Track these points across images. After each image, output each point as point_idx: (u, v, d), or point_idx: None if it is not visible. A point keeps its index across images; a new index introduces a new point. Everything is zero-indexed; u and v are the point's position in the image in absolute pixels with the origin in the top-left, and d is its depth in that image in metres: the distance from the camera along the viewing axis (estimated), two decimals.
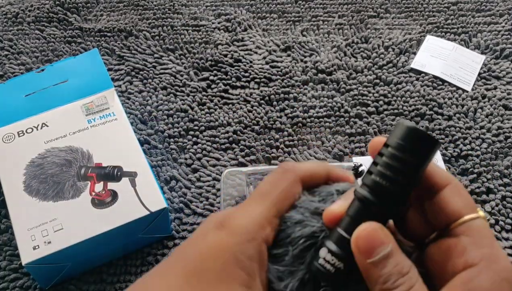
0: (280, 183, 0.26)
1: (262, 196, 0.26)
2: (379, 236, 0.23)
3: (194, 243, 0.25)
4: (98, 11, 0.76)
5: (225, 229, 0.24)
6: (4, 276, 0.49)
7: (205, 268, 0.23)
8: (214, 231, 0.24)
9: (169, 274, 0.24)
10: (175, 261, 0.24)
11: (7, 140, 0.52)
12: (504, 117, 0.63)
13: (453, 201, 0.24)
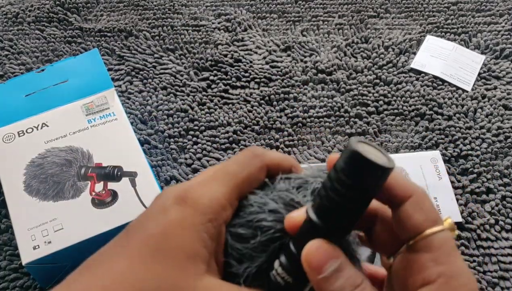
0: (248, 166, 0.26)
1: (229, 177, 0.25)
2: (327, 251, 0.23)
3: (154, 218, 0.24)
4: (98, 11, 0.76)
5: (188, 206, 0.24)
6: (4, 276, 0.49)
7: (171, 245, 0.23)
8: (176, 207, 0.24)
9: (130, 250, 0.23)
10: (134, 237, 0.24)
11: (7, 140, 0.52)
12: (504, 117, 0.63)
13: (413, 215, 0.23)
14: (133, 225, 0.24)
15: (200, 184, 0.25)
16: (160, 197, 0.25)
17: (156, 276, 0.22)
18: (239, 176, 0.25)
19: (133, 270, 0.22)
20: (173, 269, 0.22)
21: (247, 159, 0.26)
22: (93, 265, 0.23)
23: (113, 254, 0.23)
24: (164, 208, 0.24)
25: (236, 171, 0.26)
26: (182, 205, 0.24)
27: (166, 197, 0.24)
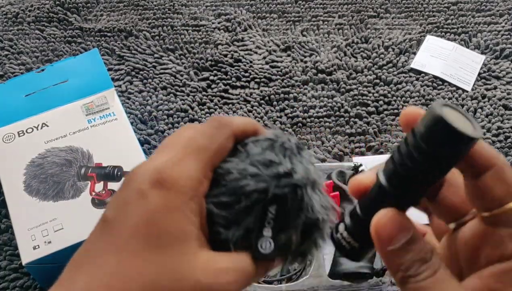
0: (216, 137, 0.26)
1: (199, 151, 0.25)
2: (398, 223, 0.22)
3: (134, 206, 0.23)
4: (98, 11, 0.76)
5: (168, 189, 0.23)
6: (4, 276, 0.49)
7: (160, 231, 0.23)
8: (155, 192, 0.23)
9: (118, 245, 0.23)
10: (118, 229, 0.23)
11: (7, 140, 0.52)
12: (504, 117, 0.63)
13: (494, 188, 0.22)
14: (111, 215, 0.24)
15: (174, 163, 0.24)
16: (132, 180, 0.24)
17: (154, 266, 0.22)
18: (211, 149, 0.25)
19: (128, 264, 0.22)
20: (168, 255, 0.22)
21: (214, 129, 0.26)
22: (84, 263, 0.23)
23: (102, 251, 0.23)
24: (143, 194, 0.23)
25: (207, 144, 0.25)
26: (161, 188, 0.23)
27: (141, 180, 0.24)
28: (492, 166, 0.22)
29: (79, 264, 0.23)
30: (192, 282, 0.22)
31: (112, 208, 0.24)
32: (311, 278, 0.44)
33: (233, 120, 0.27)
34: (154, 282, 0.22)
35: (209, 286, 0.22)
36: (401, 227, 0.22)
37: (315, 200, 0.25)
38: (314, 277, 0.44)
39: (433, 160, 0.20)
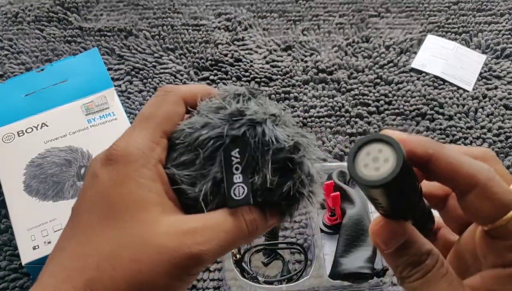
0: (162, 104, 0.26)
1: (145, 120, 0.25)
2: (390, 230, 0.23)
3: (89, 189, 0.24)
4: (98, 10, 0.76)
5: (115, 162, 0.24)
6: (4, 276, 0.49)
7: (114, 204, 0.23)
8: (104, 169, 0.24)
9: (83, 228, 0.23)
10: (81, 215, 0.24)
11: (7, 140, 0.52)
12: (505, 117, 0.63)
13: (481, 207, 0.22)
14: (74, 205, 0.24)
15: (121, 138, 0.25)
16: (90, 166, 0.25)
17: (111, 239, 0.22)
18: (157, 115, 0.25)
19: (87, 243, 0.22)
20: (126, 226, 0.22)
21: (159, 97, 0.26)
22: (54, 255, 0.23)
23: (67, 239, 0.23)
24: (94, 175, 0.24)
25: (151, 111, 0.26)
26: (110, 164, 0.24)
27: (94, 164, 0.24)
28: (475, 184, 0.22)
29: (51, 255, 0.24)
30: (156, 247, 0.22)
31: (78, 198, 0.25)
32: (312, 279, 0.43)
33: (180, 87, 0.27)
34: (111, 254, 0.22)
35: (175, 249, 0.22)
36: (392, 234, 0.23)
37: (278, 131, 0.24)
38: (315, 278, 0.43)
39: (372, 199, 0.22)
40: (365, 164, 0.21)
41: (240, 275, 0.43)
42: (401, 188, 0.22)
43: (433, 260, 0.23)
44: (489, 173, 0.22)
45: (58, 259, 0.23)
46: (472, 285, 0.23)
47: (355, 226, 0.45)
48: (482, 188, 0.22)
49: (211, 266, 0.50)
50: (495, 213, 0.22)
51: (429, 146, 0.22)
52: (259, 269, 0.48)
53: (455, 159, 0.22)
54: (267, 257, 0.49)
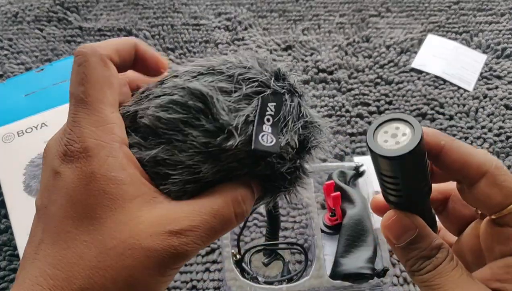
0: (89, 77, 0.22)
1: (82, 101, 0.22)
2: (402, 224, 0.24)
3: (53, 188, 0.22)
4: (98, 10, 0.76)
5: (76, 159, 0.21)
6: (4, 276, 0.49)
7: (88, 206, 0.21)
8: (65, 167, 0.21)
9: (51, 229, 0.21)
10: (47, 214, 0.22)
11: (6, 140, 0.52)
12: (506, 117, 0.63)
13: (491, 194, 0.23)
14: (39, 202, 0.22)
15: (70, 130, 0.22)
16: (45, 157, 0.23)
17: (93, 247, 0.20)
18: (91, 95, 0.22)
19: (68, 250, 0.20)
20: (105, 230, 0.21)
21: (81, 67, 0.23)
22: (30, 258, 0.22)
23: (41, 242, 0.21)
24: (56, 173, 0.22)
25: (83, 91, 0.22)
26: (70, 161, 0.21)
27: (52, 160, 0.22)
28: (484, 173, 0.23)
29: (26, 259, 0.22)
30: (143, 251, 0.20)
31: (39, 193, 0.23)
32: (312, 279, 0.43)
33: (99, 45, 0.23)
34: (99, 263, 0.20)
35: (162, 251, 0.21)
36: (404, 228, 0.24)
37: (311, 110, 0.25)
38: (315, 278, 0.43)
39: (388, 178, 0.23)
40: (385, 140, 0.22)
41: (240, 275, 0.43)
42: (418, 163, 0.22)
43: (443, 254, 0.24)
44: (498, 162, 0.23)
45: (36, 267, 0.21)
46: (481, 277, 0.24)
47: (355, 226, 0.44)
48: (491, 176, 0.23)
49: (212, 266, 0.50)
50: (504, 200, 0.23)
51: (441, 137, 0.24)
52: (259, 269, 0.48)
53: (465, 149, 0.24)
54: (267, 257, 0.49)
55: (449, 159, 0.24)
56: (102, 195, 0.21)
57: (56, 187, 0.21)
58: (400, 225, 0.24)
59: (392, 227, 0.24)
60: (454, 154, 0.24)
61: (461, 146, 0.24)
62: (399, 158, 0.21)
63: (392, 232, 0.24)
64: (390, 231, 0.24)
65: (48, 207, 0.22)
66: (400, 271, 0.50)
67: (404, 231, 0.24)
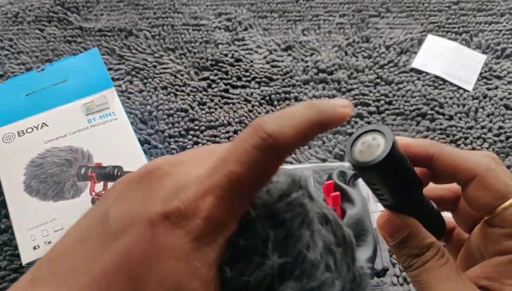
0: (259, 166, 0.19)
1: (235, 185, 0.18)
2: (393, 224, 0.25)
3: (136, 234, 0.18)
4: (98, 10, 0.76)
5: (180, 227, 0.18)
6: (4, 276, 0.49)
7: (153, 277, 0.18)
8: (165, 227, 0.18)
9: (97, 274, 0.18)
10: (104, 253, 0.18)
11: (7, 140, 0.52)
12: (506, 117, 0.63)
13: (480, 197, 0.24)
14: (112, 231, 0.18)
15: (195, 192, 0.18)
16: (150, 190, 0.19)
17: None
18: (249, 178, 0.19)
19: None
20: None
21: (258, 152, 0.18)
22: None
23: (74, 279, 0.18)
24: (151, 222, 0.18)
25: (245, 175, 0.18)
26: (173, 224, 0.18)
27: (158, 199, 0.19)
28: (474, 176, 0.24)
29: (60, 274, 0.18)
30: None
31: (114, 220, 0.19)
32: None
33: (283, 133, 0.19)
34: None
35: None
36: (395, 228, 0.26)
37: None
38: None
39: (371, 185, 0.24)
40: (361, 151, 0.23)
41: None
42: (393, 171, 0.23)
43: (432, 252, 0.25)
44: (488, 165, 0.24)
45: None
46: (473, 275, 0.25)
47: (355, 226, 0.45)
48: (480, 179, 0.24)
49: None
50: (493, 202, 0.24)
51: (429, 147, 0.25)
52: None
53: (455, 155, 0.25)
54: None
55: (439, 166, 0.25)
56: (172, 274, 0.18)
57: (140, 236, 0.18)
58: (392, 224, 0.26)
59: (384, 226, 0.26)
60: (444, 160, 0.25)
61: (450, 152, 0.25)
62: (369, 168, 0.22)
63: (384, 231, 0.26)
64: (383, 230, 0.26)
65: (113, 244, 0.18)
66: (400, 271, 0.50)
67: (396, 230, 0.25)
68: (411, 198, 0.25)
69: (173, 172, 0.20)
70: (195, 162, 0.21)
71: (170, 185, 0.19)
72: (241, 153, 0.19)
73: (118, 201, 0.19)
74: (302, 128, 0.19)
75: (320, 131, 0.20)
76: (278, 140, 0.18)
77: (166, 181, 0.19)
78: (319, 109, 0.20)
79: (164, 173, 0.20)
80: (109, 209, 0.19)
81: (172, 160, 0.21)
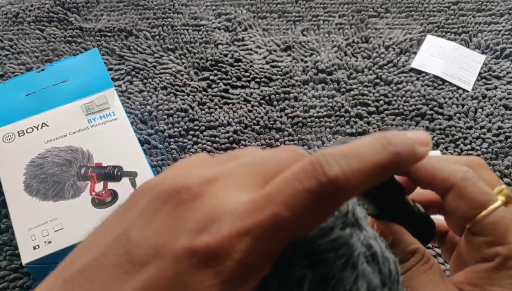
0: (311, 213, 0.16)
1: (278, 229, 0.16)
2: (379, 229, 0.25)
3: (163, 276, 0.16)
4: (98, 10, 0.76)
5: (209, 266, 0.16)
6: (4, 276, 0.49)
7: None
8: (192, 267, 0.16)
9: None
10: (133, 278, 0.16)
11: (7, 140, 0.52)
12: (505, 117, 0.63)
13: (458, 207, 0.24)
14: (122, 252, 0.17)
15: (231, 230, 0.16)
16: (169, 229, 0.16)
17: None
18: (292, 224, 0.16)
19: None
20: None
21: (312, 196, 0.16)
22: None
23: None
24: (177, 257, 0.16)
25: (285, 215, 0.16)
26: (201, 263, 0.16)
27: (180, 233, 0.16)
28: (451, 186, 0.24)
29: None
30: None
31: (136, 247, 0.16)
32: None
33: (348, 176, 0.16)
34: None
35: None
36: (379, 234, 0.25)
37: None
38: None
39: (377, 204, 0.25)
40: None
41: None
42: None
43: (416, 258, 0.25)
44: (465, 174, 0.24)
45: None
46: (457, 280, 0.25)
47: None
48: (457, 188, 0.24)
49: None
50: (471, 212, 0.24)
51: None
52: None
53: (432, 165, 0.25)
54: None
55: (417, 176, 0.25)
56: None
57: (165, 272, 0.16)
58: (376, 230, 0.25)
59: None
60: (421, 171, 0.25)
61: (427, 162, 0.25)
62: None
63: None
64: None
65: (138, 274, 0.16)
66: None
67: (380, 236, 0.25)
68: (393, 206, 0.25)
69: (206, 194, 0.17)
70: (234, 180, 0.18)
71: (201, 213, 0.17)
72: (292, 194, 0.16)
73: (141, 222, 0.17)
74: (371, 174, 0.16)
75: (389, 176, 0.17)
76: (341, 187, 0.16)
77: (197, 206, 0.17)
78: (395, 150, 0.17)
79: (194, 195, 0.17)
80: (130, 230, 0.17)
81: (205, 176, 0.18)
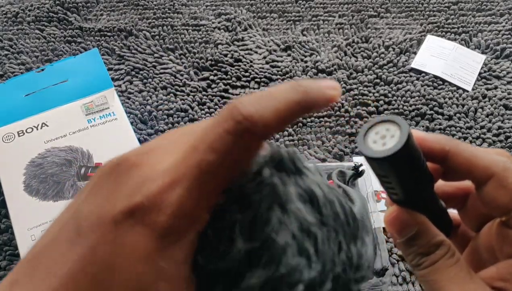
0: (233, 153, 0.17)
1: (206, 174, 0.17)
2: (402, 221, 0.24)
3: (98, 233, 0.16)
4: (98, 10, 0.76)
5: (145, 225, 0.16)
6: (4, 276, 0.49)
7: (115, 280, 0.16)
8: (129, 228, 0.16)
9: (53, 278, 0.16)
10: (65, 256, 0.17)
11: (7, 140, 0.52)
12: (505, 117, 0.63)
13: (497, 197, 0.23)
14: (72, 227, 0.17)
15: (161, 185, 0.17)
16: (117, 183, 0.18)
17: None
18: (223, 164, 0.17)
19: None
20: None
21: (233, 137, 0.17)
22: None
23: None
24: (115, 221, 0.16)
25: (218, 162, 0.17)
26: (137, 222, 0.16)
27: (118, 198, 0.17)
28: (492, 175, 0.23)
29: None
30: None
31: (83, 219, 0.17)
32: None
33: (262, 117, 0.17)
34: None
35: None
36: (403, 225, 0.24)
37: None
38: None
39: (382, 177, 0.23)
40: (374, 141, 0.22)
41: None
42: (407, 163, 0.23)
43: (442, 251, 0.24)
44: (505, 163, 0.23)
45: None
46: (487, 276, 0.24)
47: None
48: (498, 178, 0.23)
49: None
50: (511, 202, 0.23)
51: (445, 142, 0.24)
52: None
53: (471, 152, 0.24)
54: None
55: (455, 163, 0.24)
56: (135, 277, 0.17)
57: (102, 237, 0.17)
58: (400, 221, 0.24)
59: (392, 223, 0.25)
60: (460, 157, 0.24)
61: (466, 148, 0.24)
62: (382, 159, 0.21)
63: (392, 227, 0.25)
64: (391, 226, 0.25)
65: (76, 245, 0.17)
66: (399, 271, 0.50)
67: (404, 227, 0.24)
68: (422, 193, 0.25)
69: (142, 162, 0.18)
70: (169, 148, 0.18)
71: (137, 178, 0.17)
72: (213, 139, 0.17)
73: (89, 197, 0.18)
74: (283, 110, 0.17)
75: (303, 114, 0.18)
76: (256, 123, 0.17)
77: (133, 173, 0.18)
78: (304, 90, 0.18)
79: (131, 164, 0.18)
80: (80, 206, 0.18)
81: (143, 148, 0.19)
